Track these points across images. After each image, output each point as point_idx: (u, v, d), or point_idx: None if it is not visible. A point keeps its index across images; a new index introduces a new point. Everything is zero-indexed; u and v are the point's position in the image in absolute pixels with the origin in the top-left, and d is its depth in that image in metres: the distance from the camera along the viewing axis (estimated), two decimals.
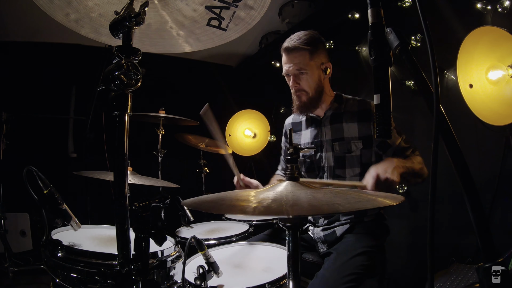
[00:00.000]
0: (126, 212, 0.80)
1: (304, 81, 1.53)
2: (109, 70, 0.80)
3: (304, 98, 1.55)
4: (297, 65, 1.51)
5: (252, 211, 0.63)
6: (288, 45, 1.51)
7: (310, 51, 1.50)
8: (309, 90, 1.54)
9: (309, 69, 1.51)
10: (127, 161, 0.82)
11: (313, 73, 1.52)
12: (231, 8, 1.01)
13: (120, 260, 0.79)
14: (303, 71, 1.51)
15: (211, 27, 1.06)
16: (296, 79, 1.54)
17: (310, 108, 1.59)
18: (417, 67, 0.61)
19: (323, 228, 1.56)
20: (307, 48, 1.49)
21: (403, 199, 0.69)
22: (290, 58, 1.52)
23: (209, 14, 1.03)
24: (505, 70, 1.35)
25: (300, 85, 1.54)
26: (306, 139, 1.67)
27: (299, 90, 1.55)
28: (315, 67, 1.53)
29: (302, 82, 1.53)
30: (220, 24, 1.06)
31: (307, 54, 1.50)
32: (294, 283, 0.76)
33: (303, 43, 1.49)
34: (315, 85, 1.54)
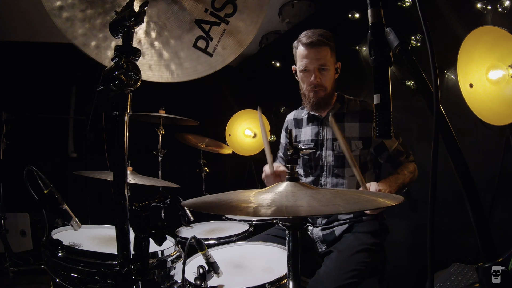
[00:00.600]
0: (126, 212, 0.80)
1: (324, 77, 1.52)
2: (109, 70, 0.80)
3: (322, 93, 1.54)
4: (319, 61, 1.49)
5: (252, 212, 0.63)
6: (311, 39, 1.47)
7: (331, 47, 1.51)
8: (327, 86, 1.54)
9: (330, 65, 1.52)
10: (127, 161, 0.82)
11: (331, 70, 1.54)
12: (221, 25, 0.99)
13: (120, 260, 0.79)
14: (325, 67, 1.51)
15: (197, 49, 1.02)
16: (318, 74, 1.51)
17: (324, 105, 1.58)
18: (417, 67, 0.61)
19: (322, 228, 1.56)
20: (330, 44, 1.49)
21: (403, 199, 0.69)
22: (313, 53, 1.48)
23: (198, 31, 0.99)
24: (505, 70, 1.35)
25: (321, 80, 1.52)
26: (306, 136, 1.67)
27: (318, 85, 1.53)
28: (333, 64, 1.54)
29: (323, 78, 1.52)
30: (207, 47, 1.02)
31: (328, 50, 1.50)
32: (294, 283, 0.76)
33: (326, 38, 1.48)
34: (332, 83, 1.56)
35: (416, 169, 1.54)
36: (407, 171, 1.49)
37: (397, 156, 1.55)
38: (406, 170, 1.49)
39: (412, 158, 1.59)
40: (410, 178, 1.49)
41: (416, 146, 2.03)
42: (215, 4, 0.98)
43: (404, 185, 1.45)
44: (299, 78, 1.60)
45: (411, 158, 1.58)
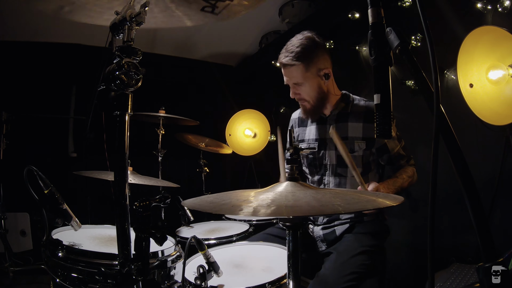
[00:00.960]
0: (126, 212, 0.80)
1: (304, 91, 1.55)
2: (109, 70, 0.80)
3: (308, 106, 1.58)
4: (293, 79, 1.53)
5: (252, 212, 0.63)
6: (282, 60, 1.51)
7: (304, 64, 1.48)
8: (309, 99, 1.56)
9: (306, 80, 1.52)
10: (127, 161, 0.82)
11: (311, 83, 1.53)
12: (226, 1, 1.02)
13: (121, 260, 0.79)
14: (300, 83, 1.53)
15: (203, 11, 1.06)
16: (295, 90, 1.56)
17: (315, 114, 1.61)
18: (417, 67, 0.61)
19: (323, 226, 1.56)
20: (300, 63, 1.48)
21: (403, 199, 0.69)
22: (286, 72, 1.54)
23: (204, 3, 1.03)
24: (505, 69, 1.35)
25: (300, 95, 1.56)
26: (310, 135, 1.68)
27: (300, 99, 1.58)
28: (312, 76, 1.52)
29: (302, 93, 1.55)
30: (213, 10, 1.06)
31: (301, 67, 1.49)
32: (294, 283, 0.76)
33: (295, 58, 1.47)
34: (315, 93, 1.55)
35: (415, 174, 1.55)
36: (406, 175, 1.50)
37: (398, 159, 1.56)
38: (405, 174, 1.50)
39: (413, 162, 1.59)
40: (408, 182, 1.50)
41: (416, 146, 2.03)
42: None
43: (402, 188, 1.46)
44: None
45: (412, 162, 1.59)
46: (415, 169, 1.57)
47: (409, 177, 1.50)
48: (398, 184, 1.44)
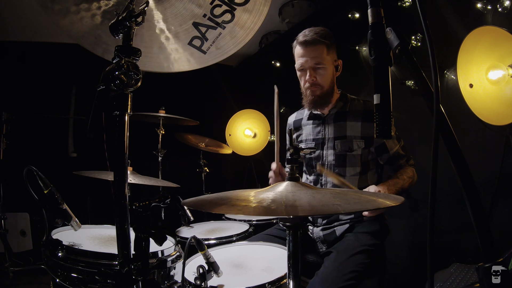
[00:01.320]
0: (126, 212, 0.80)
1: (320, 76, 1.52)
2: (109, 70, 0.80)
3: (318, 92, 1.54)
4: (314, 59, 1.49)
5: (251, 212, 0.63)
6: (306, 38, 1.48)
7: (327, 45, 1.49)
8: (324, 84, 1.54)
9: (326, 63, 1.51)
10: (127, 161, 0.82)
11: (329, 68, 1.52)
12: (217, 29, 1.01)
13: (120, 260, 0.79)
14: (320, 65, 1.50)
15: (191, 46, 1.04)
16: (313, 73, 1.51)
17: (322, 103, 1.58)
18: (417, 67, 0.61)
19: (323, 228, 1.56)
20: (325, 42, 1.48)
21: (403, 200, 0.69)
22: (308, 51, 1.49)
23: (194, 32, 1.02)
24: (505, 70, 1.35)
25: (316, 79, 1.52)
26: (308, 136, 1.68)
27: (314, 84, 1.53)
28: (331, 62, 1.53)
29: (318, 77, 1.52)
30: (202, 45, 1.04)
31: (324, 48, 1.49)
32: (294, 283, 0.76)
33: (321, 37, 1.47)
34: (329, 81, 1.55)
35: (415, 174, 1.54)
36: (406, 176, 1.49)
37: (397, 159, 1.56)
38: (405, 175, 1.49)
39: (412, 162, 1.59)
40: (409, 183, 1.49)
41: (416, 146, 2.03)
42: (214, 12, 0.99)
43: (403, 189, 1.45)
44: (298, 77, 1.60)
45: (411, 162, 1.58)
46: (414, 170, 1.56)
47: (409, 177, 1.50)
48: (399, 186, 1.44)
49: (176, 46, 1.05)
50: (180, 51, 1.06)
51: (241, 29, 1.00)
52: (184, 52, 1.06)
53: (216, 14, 0.99)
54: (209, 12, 0.98)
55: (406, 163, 1.57)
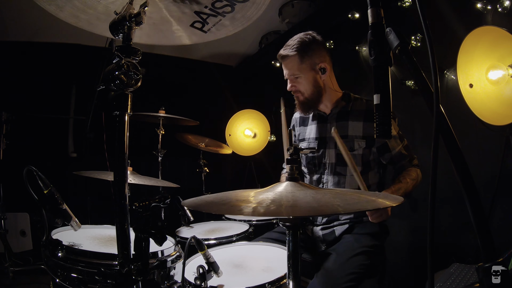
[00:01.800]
0: (126, 212, 0.80)
1: (299, 84, 1.59)
2: (109, 70, 0.80)
3: (301, 98, 1.62)
4: (290, 71, 1.59)
5: (251, 212, 0.63)
6: (280, 52, 1.60)
7: (299, 56, 1.54)
8: (304, 91, 1.60)
9: (302, 72, 1.57)
10: (127, 161, 0.82)
11: (306, 76, 1.57)
12: (218, 17, 1.04)
13: (120, 260, 0.79)
14: (296, 76, 1.58)
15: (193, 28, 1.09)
16: (292, 83, 1.61)
17: (309, 107, 1.63)
18: (417, 67, 0.61)
19: (322, 227, 1.56)
20: (295, 54, 1.54)
21: (402, 200, 0.69)
22: (284, 65, 1.61)
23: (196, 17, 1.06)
24: (505, 70, 1.35)
25: (296, 87, 1.61)
26: (311, 134, 1.69)
27: (295, 92, 1.63)
28: (308, 69, 1.56)
29: (298, 85, 1.60)
30: (203, 27, 1.10)
31: (296, 59, 1.55)
32: (294, 283, 0.76)
33: (291, 50, 1.55)
34: (311, 86, 1.58)
35: (419, 175, 1.52)
36: (409, 179, 1.47)
37: (400, 159, 1.54)
38: (408, 178, 1.47)
39: (416, 162, 1.56)
40: (413, 185, 1.47)
41: (416, 146, 2.03)
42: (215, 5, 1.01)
43: (406, 194, 1.44)
44: None
45: (415, 162, 1.56)
46: (418, 170, 1.54)
47: (412, 179, 1.47)
48: (402, 191, 1.41)
49: (178, 27, 1.10)
50: (182, 31, 1.12)
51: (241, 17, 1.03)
52: (186, 31, 1.12)
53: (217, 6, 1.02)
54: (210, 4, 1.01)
55: (409, 163, 1.54)
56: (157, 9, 1.02)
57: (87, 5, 0.98)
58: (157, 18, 1.05)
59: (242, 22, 1.07)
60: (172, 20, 1.06)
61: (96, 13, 1.00)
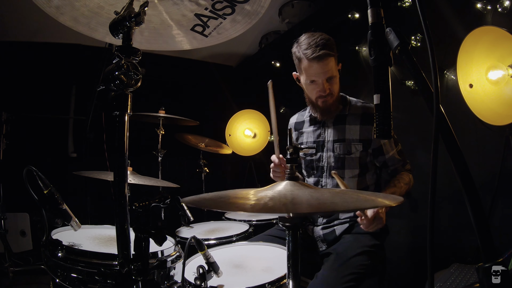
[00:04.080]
0: (126, 212, 0.80)
1: (333, 86, 1.52)
2: (109, 70, 0.80)
3: (331, 101, 1.54)
4: (327, 73, 1.47)
5: (250, 208, 0.63)
6: (317, 54, 1.44)
7: (336, 57, 1.49)
8: (335, 93, 1.55)
9: (337, 74, 1.52)
10: (127, 161, 0.82)
11: (338, 77, 1.53)
12: (218, 19, 1.04)
13: (120, 260, 0.79)
14: (334, 77, 1.50)
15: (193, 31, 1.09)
16: (327, 85, 1.50)
17: (334, 110, 1.58)
18: (417, 67, 0.61)
19: (323, 227, 1.57)
20: (334, 54, 1.48)
21: (402, 200, 0.69)
22: (320, 67, 1.46)
23: (196, 21, 1.05)
24: (505, 70, 1.35)
25: (330, 90, 1.52)
26: (308, 138, 1.68)
27: (328, 95, 1.52)
28: (338, 71, 1.54)
29: (332, 87, 1.52)
30: (203, 31, 1.08)
31: (334, 60, 1.48)
32: (294, 283, 0.76)
33: (330, 49, 1.46)
34: (339, 88, 1.56)
35: (411, 180, 1.54)
36: (403, 183, 1.49)
37: (393, 162, 1.55)
38: (402, 182, 1.49)
39: (408, 167, 1.58)
40: (406, 189, 1.49)
41: (416, 146, 2.03)
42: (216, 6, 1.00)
43: None
44: (305, 88, 1.57)
45: (407, 167, 1.58)
46: (411, 175, 1.55)
47: (405, 184, 1.49)
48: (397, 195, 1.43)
49: (179, 32, 1.09)
50: (183, 35, 1.10)
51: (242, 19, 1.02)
52: (187, 35, 1.10)
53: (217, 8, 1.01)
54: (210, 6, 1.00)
55: (402, 167, 1.56)
56: (157, 12, 1.02)
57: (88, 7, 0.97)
58: (157, 22, 1.05)
59: (243, 25, 1.06)
60: (172, 24, 1.06)
61: (96, 16, 1.00)
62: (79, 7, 0.98)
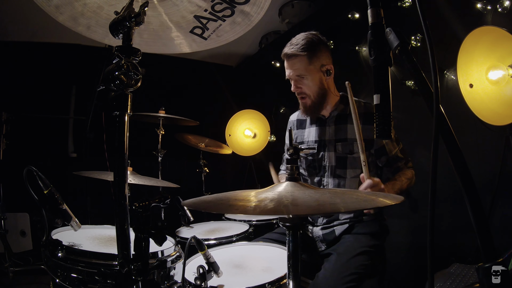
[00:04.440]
0: (126, 212, 0.80)
1: (305, 85, 1.55)
2: (109, 70, 0.80)
3: (308, 102, 1.57)
4: (296, 71, 1.53)
5: (252, 210, 0.63)
6: (287, 51, 1.52)
7: (308, 56, 1.50)
8: (310, 93, 1.56)
9: (309, 73, 1.52)
10: (127, 161, 0.82)
11: (313, 77, 1.53)
12: (218, 21, 1.04)
13: (120, 260, 0.79)
14: (303, 76, 1.53)
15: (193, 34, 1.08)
16: (297, 84, 1.56)
17: (315, 111, 1.61)
18: (417, 67, 0.61)
19: (323, 227, 1.56)
20: (305, 54, 1.50)
21: (402, 199, 0.69)
22: (290, 64, 1.54)
23: (195, 23, 1.05)
24: (505, 70, 1.35)
25: (301, 89, 1.56)
26: (310, 137, 1.68)
27: (300, 93, 1.57)
28: (315, 70, 1.53)
29: (304, 87, 1.55)
30: (203, 33, 1.08)
31: (305, 59, 1.50)
32: (294, 283, 0.76)
33: (300, 49, 1.49)
34: (317, 88, 1.55)
35: (414, 176, 1.54)
36: (404, 178, 1.49)
37: (396, 161, 1.56)
38: (404, 177, 1.49)
39: (411, 165, 1.59)
40: (407, 184, 1.49)
41: (416, 146, 2.03)
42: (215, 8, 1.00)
43: (401, 191, 1.45)
44: None
45: (410, 165, 1.58)
46: (413, 172, 1.56)
47: (407, 179, 1.50)
48: (397, 187, 1.44)
49: (178, 34, 1.09)
50: (182, 38, 1.10)
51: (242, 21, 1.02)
52: (186, 38, 1.10)
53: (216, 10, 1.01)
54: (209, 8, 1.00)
55: (404, 165, 1.56)
56: (156, 13, 1.02)
57: (87, 7, 0.97)
58: (156, 23, 1.05)
59: (242, 27, 1.06)
60: (171, 26, 1.05)
61: (95, 17, 1.00)
62: (78, 6, 0.97)
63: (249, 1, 0.99)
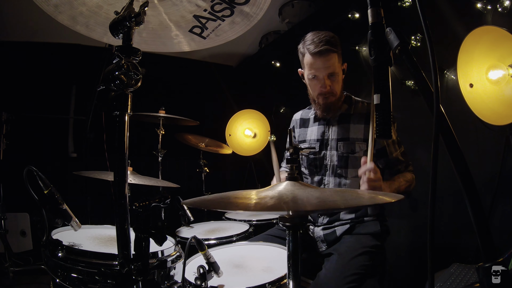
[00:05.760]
0: (126, 212, 0.80)
1: (334, 83, 1.52)
2: (109, 70, 0.80)
3: (332, 99, 1.54)
4: (329, 69, 1.47)
5: (252, 207, 0.63)
6: (319, 49, 1.44)
7: (338, 54, 1.49)
8: (337, 91, 1.54)
9: (339, 71, 1.51)
10: (127, 161, 0.82)
11: (340, 75, 1.53)
12: (217, 21, 1.04)
13: (120, 260, 0.79)
14: (335, 74, 1.49)
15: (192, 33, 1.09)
16: (328, 82, 1.50)
17: (335, 109, 1.59)
18: (417, 67, 0.61)
19: (324, 227, 1.56)
20: (336, 51, 1.47)
21: (402, 197, 0.69)
22: (322, 62, 1.46)
23: (195, 22, 1.05)
24: (505, 69, 1.35)
25: (330, 88, 1.51)
26: (312, 136, 1.68)
27: (329, 93, 1.52)
28: (340, 68, 1.53)
29: (333, 85, 1.51)
30: (202, 33, 1.08)
31: (336, 56, 1.48)
32: (294, 283, 0.76)
33: (333, 45, 1.45)
34: (340, 87, 1.56)
35: (414, 180, 1.53)
36: (403, 179, 1.48)
37: (396, 164, 1.55)
38: (402, 178, 1.49)
39: (411, 169, 1.58)
40: (406, 186, 1.48)
41: (416, 146, 2.03)
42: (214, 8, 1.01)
43: (398, 191, 1.43)
44: (308, 84, 1.58)
45: (410, 169, 1.57)
46: (414, 176, 1.55)
47: (406, 181, 1.49)
48: (394, 187, 1.43)
49: (177, 33, 1.09)
50: (181, 37, 1.10)
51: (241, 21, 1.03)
52: (185, 37, 1.10)
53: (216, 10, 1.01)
54: (209, 8, 1.00)
55: (405, 169, 1.56)
56: (156, 12, 1.02)
57: (87, 6, 0.97)
58: (155, 23, 1.05)
59: (241, 27, 1.06)
60: (171, 25, 1.06)
61: (94, 16, 1.00)
62: (77, 6, 0.97)
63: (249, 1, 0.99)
